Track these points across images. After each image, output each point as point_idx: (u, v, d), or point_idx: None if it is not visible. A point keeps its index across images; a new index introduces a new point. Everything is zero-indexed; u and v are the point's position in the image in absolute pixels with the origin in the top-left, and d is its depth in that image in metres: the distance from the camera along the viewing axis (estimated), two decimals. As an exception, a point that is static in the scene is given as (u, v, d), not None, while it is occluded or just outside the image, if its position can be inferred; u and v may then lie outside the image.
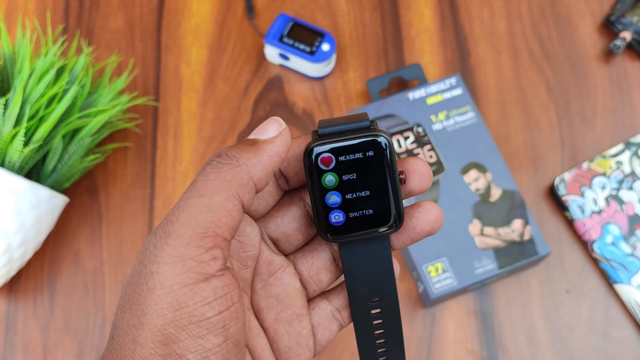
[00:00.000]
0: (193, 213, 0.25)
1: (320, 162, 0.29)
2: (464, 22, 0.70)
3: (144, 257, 0.26)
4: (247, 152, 0.27)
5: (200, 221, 0.25)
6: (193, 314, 0.25)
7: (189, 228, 0.25)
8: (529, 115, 0.66)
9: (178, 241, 0.25)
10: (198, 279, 0.25)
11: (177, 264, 0.25)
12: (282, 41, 0.65)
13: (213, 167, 0.26)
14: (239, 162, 0.26)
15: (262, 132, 0.28)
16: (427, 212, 0.30)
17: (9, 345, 0.58)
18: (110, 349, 0.26)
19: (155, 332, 0.25)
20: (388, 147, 0.29)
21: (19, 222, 0.53)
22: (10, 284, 0.60)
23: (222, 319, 0.25)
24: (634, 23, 0.67)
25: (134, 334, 0.25)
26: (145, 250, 0.26)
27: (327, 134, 0.29)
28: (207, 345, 0.25)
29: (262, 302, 0.30)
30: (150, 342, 0.25)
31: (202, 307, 0.25)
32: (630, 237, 0.60)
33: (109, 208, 0.63)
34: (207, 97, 0.67)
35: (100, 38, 0.69)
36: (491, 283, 0.59)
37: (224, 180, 0.26)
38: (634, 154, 0.62)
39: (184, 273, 0.25)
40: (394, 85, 0.67)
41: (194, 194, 0.26)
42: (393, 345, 0.32)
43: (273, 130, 0.28)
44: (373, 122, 0.30)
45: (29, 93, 0.55)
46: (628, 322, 0.59)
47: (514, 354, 0.58)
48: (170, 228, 0.25)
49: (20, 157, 0.54)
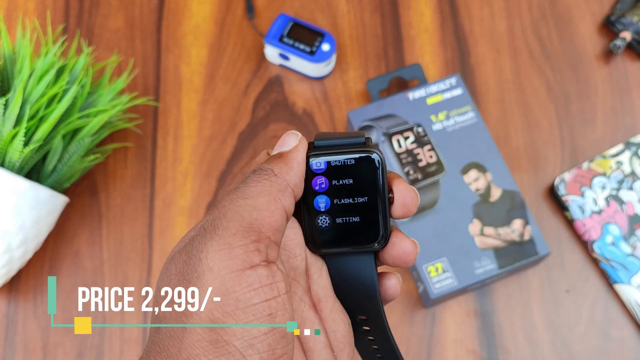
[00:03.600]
0: (238, 211, 0.27)
1: (313, 173, 0.29)
2: (464, 22, 0.70)
3: (192, 247, 0.27)
4: (278, 163, 0.29)
5: (246, 217, 0.27)
6: (240, 299, 0.26)
7: (236, 222, 0.27)
8: (529, 115, 0.66)
9: (226, 232, 0.26)
10: (244, 266, 0.26)
11: (224, 251, 0.26)
12: (282, 41, 0.65)
13: (252, 179, 0.28)
14: (275, 173, 0.28)
15: (284, 145, 0.30)
16: (400, 243, 0.31)
17: (9, 345, 0.58)
18: (156, 340, 0.27)
19: (203, 318, 0.25)
20: (381, 164, 0.29)
21: (19, 222, 0.53)
22: (10, 284, 0.60)
23: (269, 307, 0.26)
24: (634, 23, 0.67)
25: (183, 321, 0.26)
26: (192, 241, 0.27)
27: (322, 146, 0.30)
28: (253, 332, 0.25)
29: (322, 292, 0.31)
30: (198, 328, 0.25)
31: (248, 293, 0.26)
32: (630, 237, 0.60)
33: (109, 208, 0.63)
34: (207, 97, 0.67)
35: (100, 38, 0.69)
36: (491, 283, 0.59)
37: (265, 187, 0.28)
38: (634, 154, 0.62)
39: (231, 259, 0.26)
40: (394, 85, 0.67)
41: (238, 196, 0.28)
42: (386, 356, 0.32)
43: (293, 141, 0.30)
44: (368, 139, 0.30)
45: (29, 93, 0.55)
46: (628, 322, 0.58)
47: (514, 354, 0.58)
48: (217, 222, 0.27)
49: (20, 157, 0.54)
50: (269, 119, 0.66)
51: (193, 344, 0.25)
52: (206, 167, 0.64)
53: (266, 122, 0.66)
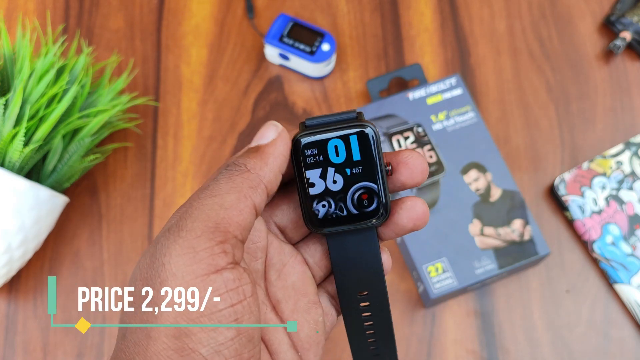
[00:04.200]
0: (205, 210, 0.26)
1: (305, 153, 0.29)
2: (464, 22, 0.70)
3: (155, 251, 0.26)
4: (252, 157, 0.28)
5: (212, 217, 0.26)
6: (204, 305, 0.25)
7: (201, 222, 0.26)
8: (529, 115, 0.66)
9: (190, 234, 0.25)
10: (209, 270, 0.25)
11: (188, 255, 0.25)
12: (282, 41, 0.65)
13: (223, 175, 0.27)
14: (247, 168, 0.27)
15: (262, 138, 0.29)
16: (410, 209, 0.30)
17: (9, 345, 0.58)
18: (122, 347, 0.26)
19: (167, 326, 0.25)
20: (374, 138, 0.29)
21: (19, 222, 0.53)
22: (10, 284, 0.60)
23: (234, 312, 0.25)
24: (634, 23, 0.67)
25: (147, 328, 0.25)
26: (156, 244, 0.26)
27: (313, 125, 0.29)
28: (219, 338, 0.25)
29: (280, 293, 0.31)
30: (163, 336, 0.25)
31: (213, 299, 0.25)
32: (630, 237, 0.60)
33: (109, 208, 0.63)
34: (207, 97, 0.67)
35: (100, 38, 0.69)
36: (491, 283, 0.59)
37: (235, 184, 0.27)
38: (634, 154, 0.62)
39: (195, 264, 0.25)
40: (394, 85, 0.67)
41: (207, 195, 0.26)
42: (383, 336, 0.32)
43: (271, 133, 0.28)
44: (360, 113, 0.30)
45: (29, 93, 0.55)
46: (628, 322, 0.59)
47: (514, 354, 0.58)
48: (182, 223, 0.26)
49: (20, 157, 0.54)
50: (269, 119, 0.65)
51: (158, 353, 0.25)
52: (206, 167, 0.64)
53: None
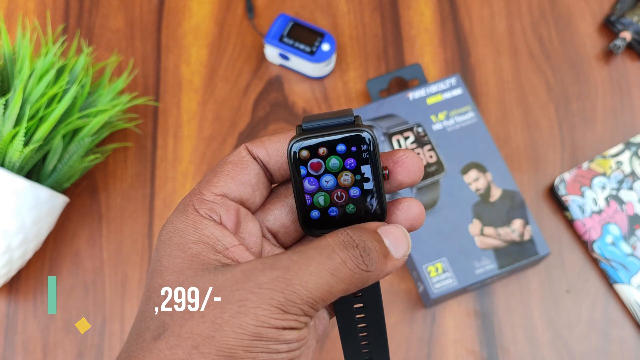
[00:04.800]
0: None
1: (302, 157, 0.29)
2: (464, 22, 0.70)
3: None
4: (380, 263, 0.28)
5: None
6: (271, 348, 0.26)
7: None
8: (529, 115, 0.66)
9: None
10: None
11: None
12: (282, 41, 0.65)
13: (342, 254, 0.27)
14: (366, 268, 0.28)
15: (397, 248, 0.29)
16: (407, 210, 0.30)
17: (9, 345, 0.58)
18: (151, 347, 0.26)
19: (224, 349, 0.25)
20: (372, 142, 0.28)
21: (19, 222, 0.53)
22: (10, 284, 0.60)
23: (295, 356, 0.27)
24: (634, 23, 0.67)
25: (197, 341, 0.25)
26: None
27: (310, 129, 0.29)
28: None
29: None
30: (214, 355, 0.25)
31: (282, 344, 0.26)
32: (630, 237, 0.60)
33: (109, 208, 0.63)
34: (207, 97, 0.67)
35: (100, 38, 0.69)
36: (491, 283, 0.59)
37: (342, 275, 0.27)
38: (634, 154, 0.62)
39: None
40: (394, 85, 0.67)
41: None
42: (376, 338, 0.32)
43: (405, 247, 0.29)
44: (357, 117, 0.29)
45: (29, 93, 0.55)
46: (628, 322, 0.58)
47: (514, 354, 0.58)
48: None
49: (20, 157, 0.54)
50: (269, 119, 0.66)
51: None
52: (206, 167, 0.64)
53: (266, 122, 0.66)
